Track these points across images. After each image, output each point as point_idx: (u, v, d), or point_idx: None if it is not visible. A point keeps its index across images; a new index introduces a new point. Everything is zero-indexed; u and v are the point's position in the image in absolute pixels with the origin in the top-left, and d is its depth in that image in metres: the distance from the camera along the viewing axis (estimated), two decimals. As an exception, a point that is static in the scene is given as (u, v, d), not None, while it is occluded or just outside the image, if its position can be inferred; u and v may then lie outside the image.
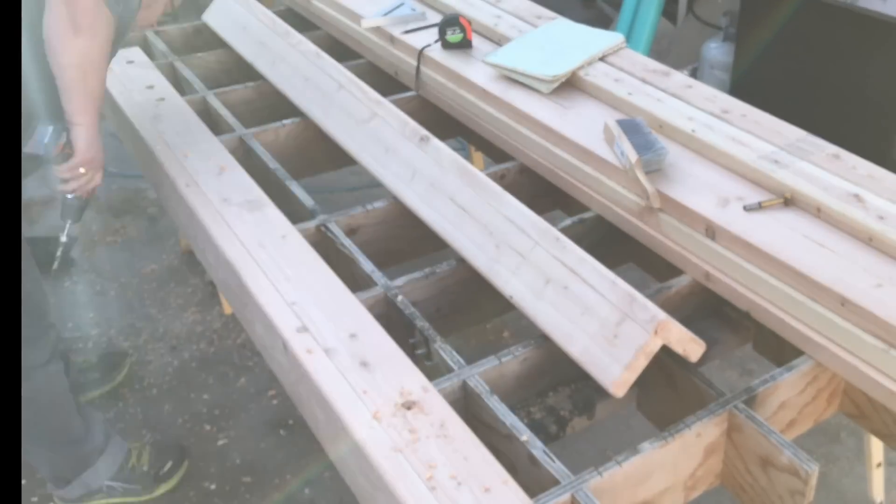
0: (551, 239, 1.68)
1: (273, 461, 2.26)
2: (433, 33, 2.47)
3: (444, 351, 1.58)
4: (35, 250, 1.98)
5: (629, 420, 2.18)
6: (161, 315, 2.79)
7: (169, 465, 2.19)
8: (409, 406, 1.41)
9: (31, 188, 3.23)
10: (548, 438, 1.57)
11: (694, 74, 3.04)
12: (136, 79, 2.54)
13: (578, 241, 1.95)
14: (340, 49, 2.89)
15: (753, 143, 1.85)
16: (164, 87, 2.48)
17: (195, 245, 2.07)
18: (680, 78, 2.15)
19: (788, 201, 1.70)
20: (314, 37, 2.97)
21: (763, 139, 1.86)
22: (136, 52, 2.70)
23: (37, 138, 1.78)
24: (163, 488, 2.16)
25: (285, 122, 2.38)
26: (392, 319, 1.72)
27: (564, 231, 1.93)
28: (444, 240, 1.87)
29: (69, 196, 1.87)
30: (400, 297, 1.72)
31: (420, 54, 2.43)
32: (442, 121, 2.50)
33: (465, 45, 2.41)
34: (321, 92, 2.37)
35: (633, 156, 1.78)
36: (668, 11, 3.60)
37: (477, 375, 1.52)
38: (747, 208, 1.69)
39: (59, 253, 1.98)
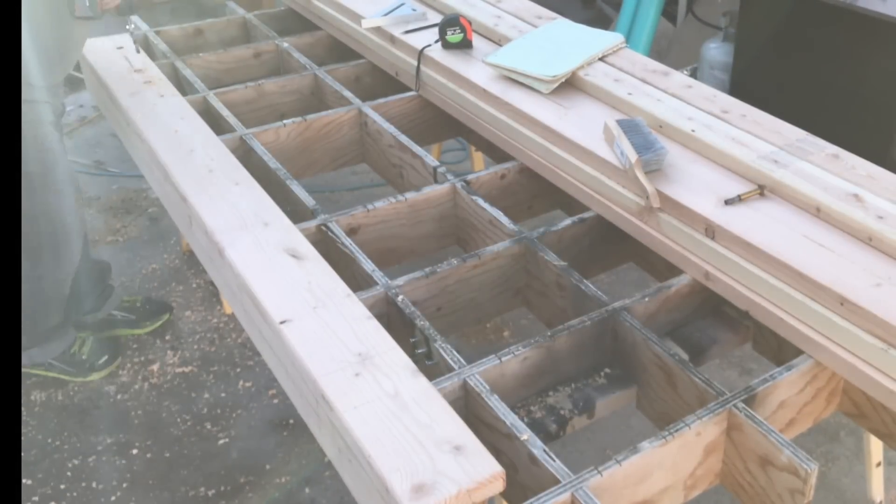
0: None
1: (274, 460, 2.26)
2: (433, 33, 2.47)
3: (445, 350, 1.59)
4: None
5: (629, 419, 2.19)
6: (162, 315, 2.80)
7: (104, 358, 2.55)
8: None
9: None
10: (548, 437, 1.57)
11: (694, 74, 3.04)
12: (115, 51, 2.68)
13: (578, 240, 1.97)
14: (341, 49, 2.90)
15: (753, 143, 1.86)
16: (151, 69, 2.56)
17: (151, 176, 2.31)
18: (680, 78, 2.15)
19: (763, 189, 1.73)
20: (315, 37, 2.98)
21: (763, 139, 1.87)
22: (125, 39, 2.74)
23: (79, 5, 2.15)
24: (94, 376, 2.53)
25: (286, 122, 2.39)
26: (393, 319, 1.73)
27: (564, 231, 1.94)
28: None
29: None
30: (401, 297, 1.73)
31: (420, 54, 2.44)
32: (442, 121, 2.51)
33: (465, 45, 2.42)
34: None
35: (632, 156, 1.78)
36: (668, 11, 3.60)
37: (477, 374, 1.53)
38: (728, 202, 1.71)
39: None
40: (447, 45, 2.42)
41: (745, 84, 2.79)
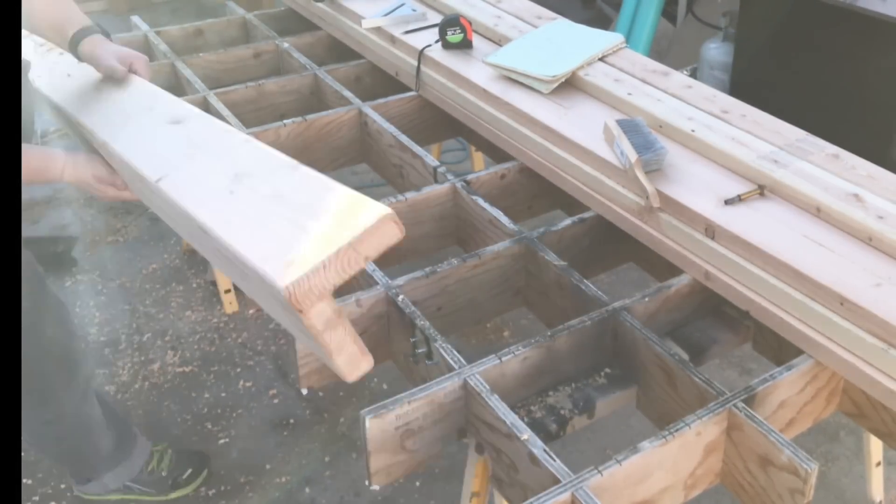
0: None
1: (274, 460, 2.27)
2: (434, 33, 2.47)
3: (445, 350, 1.59)
4: (39, 249, 2.00)
5: (629, 419, 2.19)
6: (162, 314, 2.80)
7: (188, 472, 2.18)
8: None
9: (33, 188, 3.24)
10: (548, 437, 1.57)
11: (693, 74, 3.05)
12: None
13: (578, 240, 1.97)
14: (341, 49, 2.90)
15: (753, 143, 1.86)
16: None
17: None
18: (680, 78, 2.15)
19: (763, 189, 1.73)
20: (315, 37, 2.99)
21: (763, 139, 1.87)
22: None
23: None
24: (177, 493, 2.16)
25: (286, 121, 2.39)
26: (393, 319, 1.73)
27: (564, 231, 1.94)
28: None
29: None
30: (401, 297, 1.73)
31: (420, 54, 2.44)
32: (442, 121, 2.51)
33: (465, 45, 2.42)
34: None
35: (632, 155, 1.78)
36: (668, 12, 3.60)
37: (477, 374, 1.53)
38: (728, 202, 1.71)
39: None
40: (447, 45, 2.42)
41: (745, 84, 2.79)
